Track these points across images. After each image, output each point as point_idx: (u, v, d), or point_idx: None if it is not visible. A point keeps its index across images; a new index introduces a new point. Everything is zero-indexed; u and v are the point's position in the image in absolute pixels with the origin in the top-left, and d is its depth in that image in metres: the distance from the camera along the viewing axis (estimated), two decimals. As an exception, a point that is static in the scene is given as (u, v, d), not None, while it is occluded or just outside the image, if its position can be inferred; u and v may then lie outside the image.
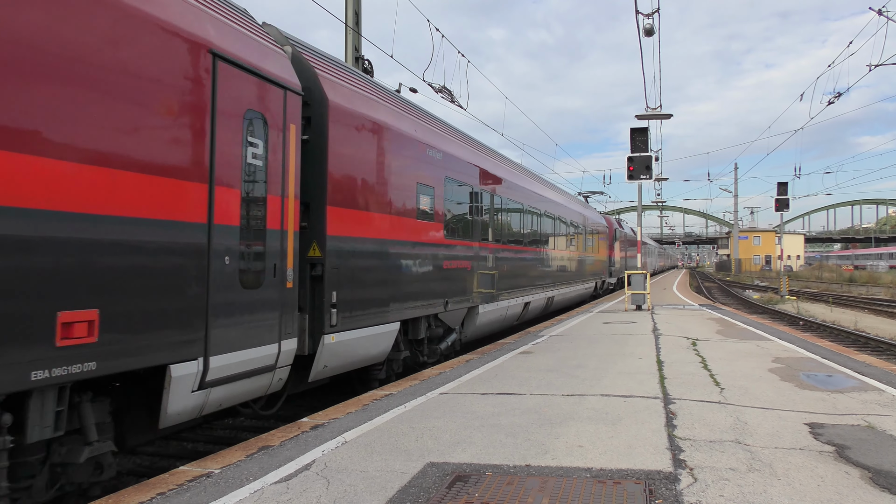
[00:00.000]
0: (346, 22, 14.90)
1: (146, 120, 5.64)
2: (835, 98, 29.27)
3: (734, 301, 40.37)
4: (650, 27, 17.28)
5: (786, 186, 40.67)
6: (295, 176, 7.75)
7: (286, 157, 7.61)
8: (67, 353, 4.89)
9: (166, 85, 5.87)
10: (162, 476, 5.33)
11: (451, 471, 5.29)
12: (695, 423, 6.73)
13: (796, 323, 25.08)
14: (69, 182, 4.94)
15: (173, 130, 5.93)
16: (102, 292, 5.17)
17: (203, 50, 6.31)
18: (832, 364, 10.61)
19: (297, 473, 5.28)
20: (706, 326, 16.97)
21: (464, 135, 14.72)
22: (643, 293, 22.41)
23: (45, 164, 4.77)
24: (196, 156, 6.19)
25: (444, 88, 16.79)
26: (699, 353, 11.92)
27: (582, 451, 5.81)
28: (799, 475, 5.10)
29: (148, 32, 5.67)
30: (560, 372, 9.89)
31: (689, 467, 5.30)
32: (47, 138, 4.79)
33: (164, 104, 5.83)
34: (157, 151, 5.73)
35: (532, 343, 13.56)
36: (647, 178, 21.01)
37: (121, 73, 5.40)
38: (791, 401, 7.81)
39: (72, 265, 4.95)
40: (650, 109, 22.99)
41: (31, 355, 4.65)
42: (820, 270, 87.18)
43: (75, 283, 4.97)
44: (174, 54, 5.96)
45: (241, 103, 6.87)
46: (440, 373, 9.98)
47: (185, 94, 6.09)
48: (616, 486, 4.89)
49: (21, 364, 4.58)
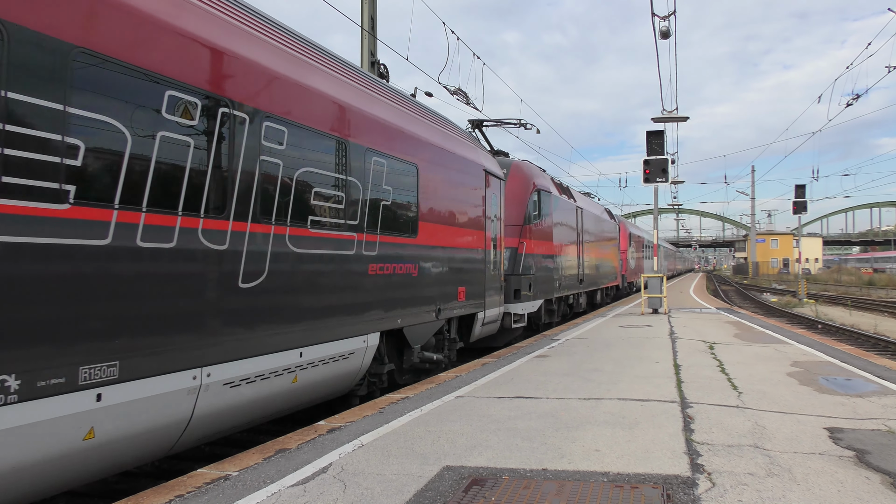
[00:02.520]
0: (361, 26, 14.96)
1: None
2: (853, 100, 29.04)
3: (751, 304, 40.09)
4: (666, 29, 17.22)
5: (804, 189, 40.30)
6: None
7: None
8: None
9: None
10: (180, 478, 5.36)
11: (468, 474, 5.29)
12: (712, 428, 6.68)
13: (815, 326, 24.86)
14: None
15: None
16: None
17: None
18: (851, 368, 10.51)
19: (313, 476, 5.30)
20: (723, 330, 16.86)
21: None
22: (660, 297, 22.29)
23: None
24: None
25: (460, 91, 16.81)
26: (716, 356, 11.84)
27: (599, 455, 5.79)
28: (818, 480, 5.06)
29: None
30: (576, 376, 9.87)
31: (707, 472, 5.27)
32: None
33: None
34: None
35: (548, 346, 13.53)
36: (664, 181, 20.91)
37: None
38: (810, 405, 7.74)
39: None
40: (666, 112, 22.90)
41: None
42: (838, 273, 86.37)
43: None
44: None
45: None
46: (456, 376, 9.98)
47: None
48: (633, 491, 4.87)
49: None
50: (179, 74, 5.72)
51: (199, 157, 5.92)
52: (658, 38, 17.70)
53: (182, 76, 5.74)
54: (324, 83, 8.00)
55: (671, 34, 17.38)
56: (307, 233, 7.46)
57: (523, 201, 16.63)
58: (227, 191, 6.23)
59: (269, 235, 6.82)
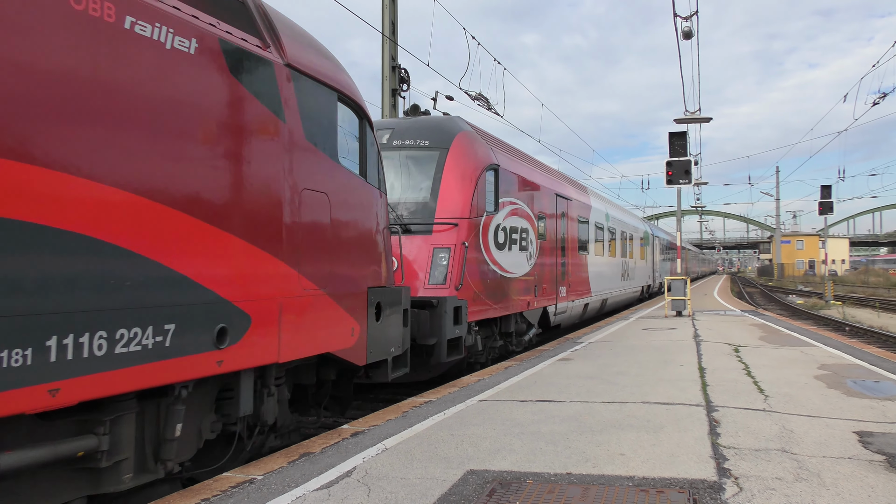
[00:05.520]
0: (382, 31, 15.02)
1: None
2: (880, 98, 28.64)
3: (777, 306, 39.65)
4: (689, 30, 17.11)
5: (829, 189, 39.85)
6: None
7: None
8: None
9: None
10: (206, 482, 5.40)
11: (492, 478, 5.28)
12: (739, 431, 6.61)
13: (842, 328, 24.53)
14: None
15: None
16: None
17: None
18: (881, 371, 10.35)
19: (338, 480, 5.31)
20: (749, 332, 16.68)
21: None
22: (683, 299, 22.11)
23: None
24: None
25: (481, 96, 16.82)
26: (742, 359, 11.72)
27: (624, 459, 5.75)
28: (848, 485, 4.98)
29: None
30: (600, 379, 9.81)
31: (734, 476, 5.21)
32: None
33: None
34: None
35: (571, 350, 13.47)
36: (687, 182, 20.75)
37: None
38: (838, 408, 7.63)
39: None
40: (688, 113, 22.72)
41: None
42: (866, 275, 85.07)
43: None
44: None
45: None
46: (479, 379, 9.97)
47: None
48: (659, 496, 4.83)
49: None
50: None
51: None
52: (680, 38, 17.58)
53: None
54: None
55: (693, 34, 17.26)
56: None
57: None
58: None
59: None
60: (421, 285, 10.58)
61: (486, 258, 12.10)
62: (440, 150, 11.67)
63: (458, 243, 10.94)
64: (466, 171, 11.65)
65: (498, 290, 12.64)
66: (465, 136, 12.14)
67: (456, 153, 11.69)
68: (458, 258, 10.89)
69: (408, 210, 11.25)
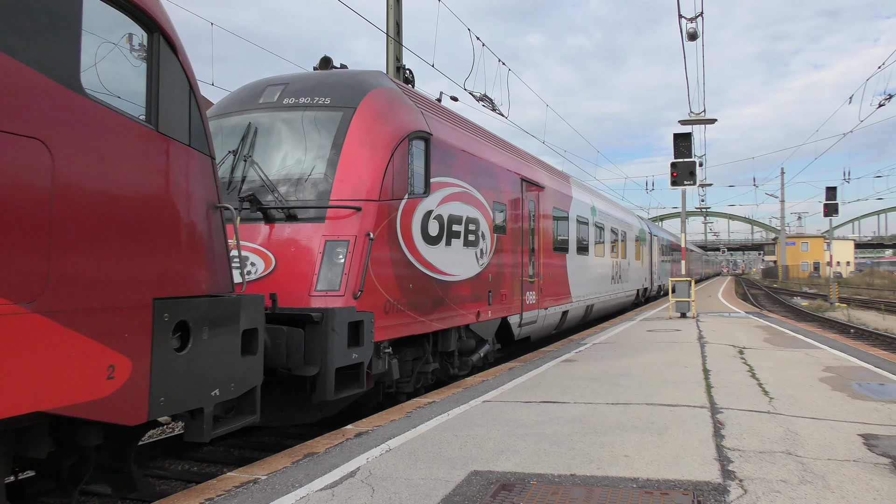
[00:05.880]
0: (387, 32, 15.03)
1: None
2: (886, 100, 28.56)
3: (782, 308, 39.56)
4: (694, 31, 17.08)
5: (835, 191, 39.76)
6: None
7: None
8: None
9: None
10: (210, 482, 5.41)
11: (496, 479, 5.28)
12: (743, 434, 6.60)
13: (847, 331, 24.46)
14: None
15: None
16: None
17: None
18: (886, 373, 10.32)
19: (342, 480, 5.31)
20: (753, 334, 16.64)
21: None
22: (688, 300, 22.07)
23: None
24: None
25: (486, 97, 16.81)
26: (746, 361, 11.69)
27: (628, 460, 5.74)
28: (853, 488, 4.97)
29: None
30: (604, 380, 9.80)
31: (739, 478, 5.20)
32: None
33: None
34: None
35: (575, 351, 13.45)
36: (691, 183, 20.72)
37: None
38: (843, 411, 7.61)
39: None
40: (693, 114, 22.69)
41: None
42: (871, 277, 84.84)
43: None
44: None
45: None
46: (483, 380, 9.97)
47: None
48: (664, 497, 4.82)
49: None
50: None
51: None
52: (685, 39, 17.56)
53: None
54: None
55: (699, 35, 17.24)
56: None
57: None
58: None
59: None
60: (307, 291, 7.70)
61: (409, 255, 9.11)
62: (344, 111, 8.69)
63: (359, 234, 8.05)
64: (380, 138, 8.67)
65: (428, 298, 9.59)
66: (381, 94, 9.14)
67: (366, 115, 8.71)
68: (360, 254, 7.99)
69: (294, 189, 8.29)
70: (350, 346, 7.62)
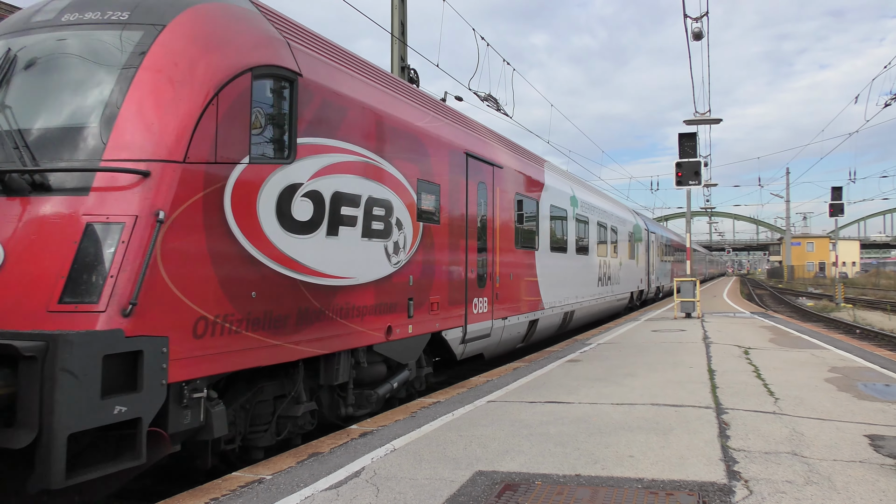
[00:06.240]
0: (392, 32, 15.04)
1: None
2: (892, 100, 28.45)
3: (787, 309, 39.47)
4: (699, 31, 17.05)
5: (840, 191, 39.71)
6: None
7: None
8: None
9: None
10: (215, 481, 5.42)
11: (501, 479, 5.27)
12: (749, 434, 6.58)
13: (853, 331, 24.39)
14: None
15: None
16: None
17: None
18: (892, 374, 10.28)
19: (346, 480, 5.32)
20: (758, 335, 16.61)
21: None
22: (693, 301, 22.03)
23: None
24: None
25: (490, 97, 16.81)
26: (752, 361, 11.67)
27: (633, 461, 5.73)
28: (859, 489, 4.95)
29: None
30: (609, 380, 9.79)
31: (744, 479, 5.19)
32: None
33: None
34: None
35: (580, 351, 13.44)
36: (696, 183, 20.70)
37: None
38: (849, 411, 7.59)
39: None
40: (698, 114, 22.65)
41: None
42: (877, 277, 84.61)
43: None
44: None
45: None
46: (487, 380, 9.96)
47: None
48: (669, 498, 4.81)
49: None
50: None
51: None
52: (690, 39, 17.52)
53: None
54: None
55: (704, 35, 17.20)
56: None
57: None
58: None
59: None
60: (46, 305, 4.85)
61: (249, 248, 6.09)
62: (145, 30, 5.84)
63: (143, 214, 5.19)
64: (196, 69, 5.78)
65: (290, 310, 6.56)
66: (210, 9, 6.25)
67: (177, 36, 5.87)
68: (140, 246, 5.10)
69: (53, 146, 5.41)
70: (110, 393, 4.74)
